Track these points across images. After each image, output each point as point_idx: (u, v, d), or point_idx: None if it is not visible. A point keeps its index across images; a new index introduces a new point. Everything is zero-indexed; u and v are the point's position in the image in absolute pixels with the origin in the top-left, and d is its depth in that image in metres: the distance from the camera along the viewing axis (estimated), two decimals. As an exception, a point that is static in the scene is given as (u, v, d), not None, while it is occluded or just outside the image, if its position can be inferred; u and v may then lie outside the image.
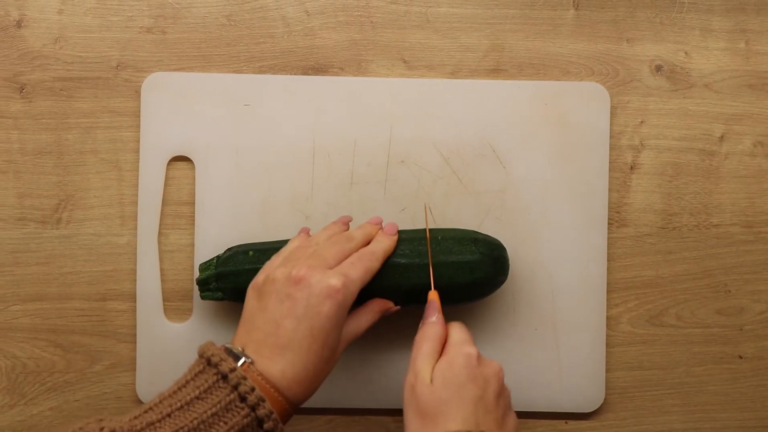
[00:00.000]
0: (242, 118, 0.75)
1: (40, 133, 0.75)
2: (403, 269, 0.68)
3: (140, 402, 0.74)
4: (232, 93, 0.75)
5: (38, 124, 0.75)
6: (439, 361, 0.61)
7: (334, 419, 0.76)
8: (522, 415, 0.75)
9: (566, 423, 0.76)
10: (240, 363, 0.58)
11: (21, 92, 0.75)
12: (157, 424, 0.55)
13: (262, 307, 0.61)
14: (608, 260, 0.76)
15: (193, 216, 0.75)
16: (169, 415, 0.56)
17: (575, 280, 0.75)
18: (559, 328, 0.75)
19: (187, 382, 0.58)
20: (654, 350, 0.77)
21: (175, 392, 0.58)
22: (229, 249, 0.72)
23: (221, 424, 0.56)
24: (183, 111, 0.75)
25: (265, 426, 0.57)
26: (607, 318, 0.76)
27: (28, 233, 0.75)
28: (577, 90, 0.76)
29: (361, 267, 0.63)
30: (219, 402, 0.56)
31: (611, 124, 0.76)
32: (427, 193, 0.75)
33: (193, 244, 0.75)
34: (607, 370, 0.76)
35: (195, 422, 0.56)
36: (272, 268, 0.64)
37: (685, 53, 0.77)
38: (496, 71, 0.76)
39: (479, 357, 0.61)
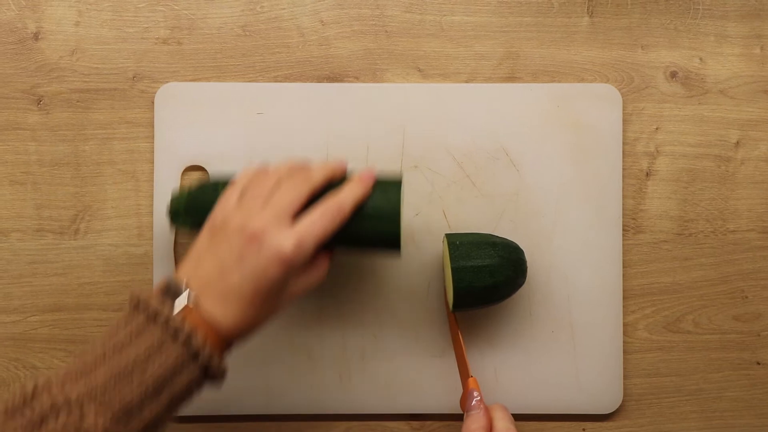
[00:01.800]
0: (256, 127, 0.75)
1: (58, 144, 0.75)
2: (370, 218, 0.65)
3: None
4: (246, 101, 0.75)
5: (55, 136, 0.75)
6: None
7: (352, 426, 0.76)
8: (539, 417, 0.75)
9: (584, 430, 0.76)
10: (181, 299, 0.59)
11: (38, 104, 0.75)
12: (92, 367, 0.55)
13: (213, 249, 0.61)
14: (625, 267, 0.76)
15: (210, 226, 0.75)
16: (104, 358, 0.56)
17: (591, 283, 0.75)
18: (575, 331, 0.75)
19: (119, 326, 0.58)
20: (671, 357, 0.77)
21: (108, 337, 0.57)
22: (200, 182, 0.70)
23: (155, 363, 0.56)
24: (196, 120, 0.75)
25: (201, 359, 0.57)
26: (624, 325, 0.76)
27: (46, 244, 0.75)
28: (589, 92, 0.76)
29: (321, 225, 0.62)
30: (152, 343, 0.57)
31: (626, 131, 0.76)
32: (441, 197, 0.75)
33: (209, 254, 0.75)
34: (625, 377, 0.76)
35: (130, 365, 0.56)
36: (228, 209, 0.63)
37: (700, 59, 0.77)
38: (510, 79, 0.77)
39: None
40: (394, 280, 0.75)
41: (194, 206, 0.69)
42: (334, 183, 0.66)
